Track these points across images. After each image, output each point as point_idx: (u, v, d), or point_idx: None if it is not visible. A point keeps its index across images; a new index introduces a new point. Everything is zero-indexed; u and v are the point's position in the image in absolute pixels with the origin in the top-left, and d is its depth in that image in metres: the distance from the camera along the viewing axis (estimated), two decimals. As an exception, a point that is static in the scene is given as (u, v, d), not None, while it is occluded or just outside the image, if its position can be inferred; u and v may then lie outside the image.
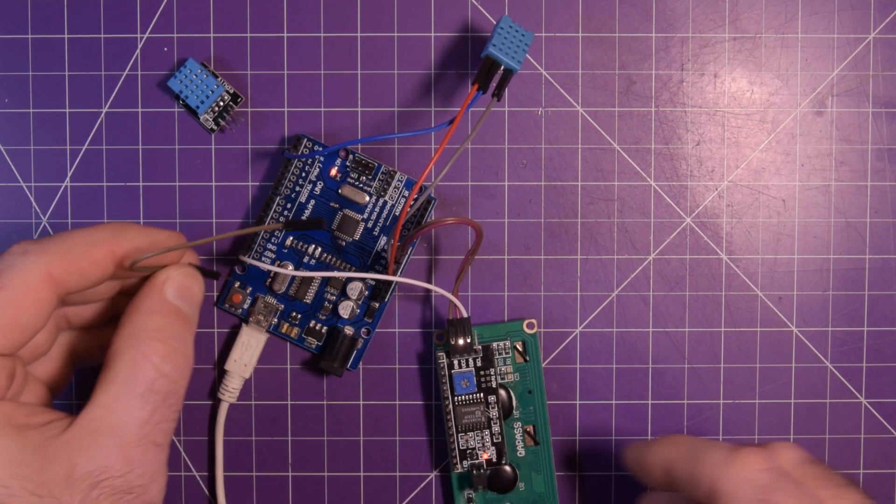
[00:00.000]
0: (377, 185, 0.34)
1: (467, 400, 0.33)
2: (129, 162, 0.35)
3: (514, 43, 0.31)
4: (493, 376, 0.33)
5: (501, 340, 0.34)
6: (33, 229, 0.35)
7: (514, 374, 0.34)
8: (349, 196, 0.34)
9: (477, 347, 0.33)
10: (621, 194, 0.35)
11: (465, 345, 0.33)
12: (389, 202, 0.34)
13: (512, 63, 0.31)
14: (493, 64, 0.31)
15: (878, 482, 0.35)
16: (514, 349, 0.34)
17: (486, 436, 0.33)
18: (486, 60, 0.31)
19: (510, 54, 0.31)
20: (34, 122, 0.35)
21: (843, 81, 0.35)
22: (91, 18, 0.35)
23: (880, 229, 0.35)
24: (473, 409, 0.33)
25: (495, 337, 0.34)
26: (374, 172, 0.34)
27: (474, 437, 0.33)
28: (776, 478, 0.26)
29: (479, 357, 0.33)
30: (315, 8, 0.35)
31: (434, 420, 0.35)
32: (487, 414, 0.33)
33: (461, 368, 0.33)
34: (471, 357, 0.33)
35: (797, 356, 0.35)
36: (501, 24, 0.31)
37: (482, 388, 0.33)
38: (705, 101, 0.35)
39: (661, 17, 0.35)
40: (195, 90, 0.34)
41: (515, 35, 0.31)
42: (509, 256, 0.35)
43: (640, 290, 0.35)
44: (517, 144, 0.35)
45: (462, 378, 0.33)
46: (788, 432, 0.35)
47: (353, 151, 0.34)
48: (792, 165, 0.35)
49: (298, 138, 0.34)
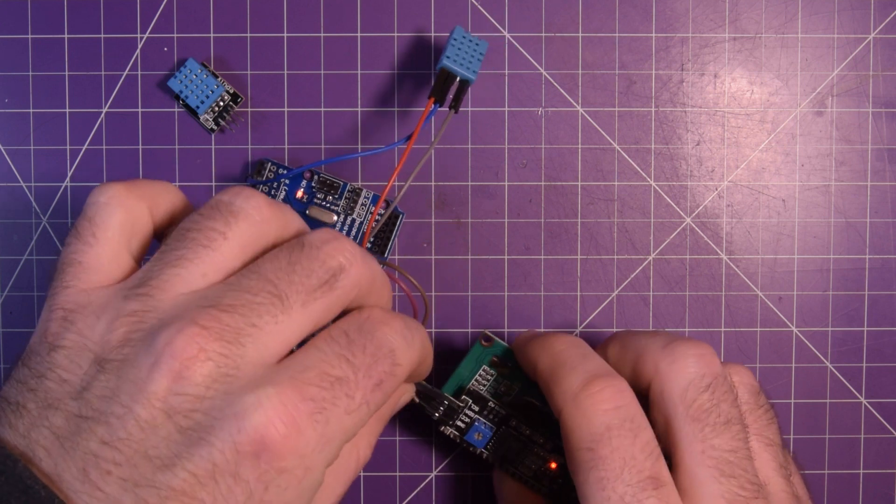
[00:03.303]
0: (344, 204, 0.34)
1: (495, 445, 0.31)
2: (129, 162, 0.35)
3: (468, 53, 0.31)
4: (496, 408, 0.31)
5: (477, 373, 0.32)
6: (33, 229, 0.35)
7: (513, 385, 0.32)
8: (317, 217, 0.34)
9: (463, 398, 0.31)
10: (621, 194, 0.35)
11: (448, 408, 0.31)
12: (358, 219, 0.34)
13: (467, 74, 0.30)
14: (449, 76, 0.30)
15: (878, 482, 0.35)
16: (494, 369, 0.32)
17: (538, 450, 0.31)
18: (441, 73, 0.30)
19: (465, 65, 0.31)
20: (34, 122, 0.35)
21: (843, 81, 0.35)
22: (91, 18, 0.35)
23: (880, 229, 0.35)
24: (510, 444, 0.31)
25: (471, 374, 0.32)
26: (339, 191, 0.34)
27: (532, 461, 0.31)
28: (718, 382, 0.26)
29: (469, 404, 0.31)
30: (315, 8, 0.35)
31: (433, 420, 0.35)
32: (520, 438, 0.31)
33: (463, 425, 0.31)
34: (464, 411, 0.31)
35: (797, 356, 0.35)
36: (454, 35, 0.31)
37: (496, 422, 0.31)
38: (705, 101, 0.35)
39: (661, 17, 0.35)
40: (195, 90, 0.34)
41: (469, 45, 0.31)
42: (509, 256, 0.35)
43: (640, 290, 0.35)
44: (517, 144, 0.35)
45: (475, 432, 0.31)
46: (788, 432, 0.35)
47: (318, 172, 0.34)
48: (792, 165, 0.35)
49: (262, 163, 0.34)
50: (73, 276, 0.23)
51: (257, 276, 0.22)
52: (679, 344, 0.27)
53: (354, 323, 0.24)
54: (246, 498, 0.20)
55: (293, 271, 0.23)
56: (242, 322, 0.21)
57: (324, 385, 0.22)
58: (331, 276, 0.23)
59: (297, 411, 0.21)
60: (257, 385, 0.21)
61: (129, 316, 0.22)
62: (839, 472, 0.35)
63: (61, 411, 0.20)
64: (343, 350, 0.23)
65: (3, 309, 0.35)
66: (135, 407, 0.20)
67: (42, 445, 0.20)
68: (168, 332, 0.21)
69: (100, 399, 0.20)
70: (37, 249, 0.35)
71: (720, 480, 0.25)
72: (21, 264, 0.35)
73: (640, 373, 0.27)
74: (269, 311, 0.22)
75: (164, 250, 0.23)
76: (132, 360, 0.21)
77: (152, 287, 0.22)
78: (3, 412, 0.21)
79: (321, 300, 0.23)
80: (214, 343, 0.21)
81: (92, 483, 0.19)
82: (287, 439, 0.20)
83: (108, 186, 0.24)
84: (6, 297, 0.35)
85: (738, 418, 0.26)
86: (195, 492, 0.20)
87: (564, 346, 0.28)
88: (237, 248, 0.23)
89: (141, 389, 0.20)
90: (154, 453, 0.20)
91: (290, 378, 0.21)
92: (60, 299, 0.23)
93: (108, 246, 0.24)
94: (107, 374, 0.21)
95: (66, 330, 0.22)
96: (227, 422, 0.20)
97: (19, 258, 0.35)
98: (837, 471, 0.35)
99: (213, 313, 0.21)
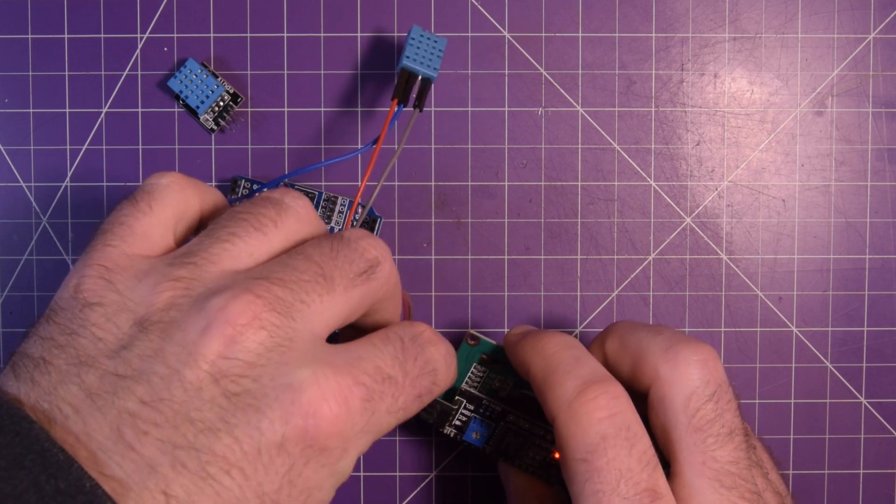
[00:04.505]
0: (321, 213, 0.34)
1: (495, 441, 0.31)
2: (129, 162, 0.35)
3: (427, 51, 0.31)
4: (491, 405, 0.31)
5: (469, 372, 0.31)
6: (33, 229, 0.35)
7: (506, 380, 0.31)
8: None
9: (456, 399, 0.31)
10: (621, 194, 0.35)
11: (441, 412, 0.31)
12: (336, 227, 0.34)
13: (428, 72, 0.31)
14: (410, 76, 0.31)
15: (878, 482, 0.35)
16: (486, 367, 0.31)
17: (540, 442, 0.30)
18: (402, 73, 0.30)
19: (425, 63, 0.31)
20: (34, 122, 0.35)
21: (843, 81, 0.35)
22: (91, 18, 0.35)
23: (880, 229, 0.35)
24: (510, 440, 0.31)
25: (462, 374, 0.31)
26: (315, 201, 0.34)
27: (535, 452, 0.31)
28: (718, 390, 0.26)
29: (464, 404, 0.31)
30: (315, 8, 0.35)
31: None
32: (519, 432, 0.31)
33: (461, 423, 0.31)
34: (459, 411, 0.31)
35: (797, 356, 0.35)
36: (412, 34, 0.31)
37: (493, 419, 0.31)
38: (705, 101, 0.35)
39: (661, 17, 0.35)
40: (195, 90, 0.34)
41: (428, 43, 0.31)
42: (509, 256, 0.35)
43: (640, 290, 0.35)
44: (517, 144, 0.35)
45: (472, 432, 0.31)
46: (788, 432, 0.35)
47: (292, 184, 0.34)
48: (792, 165, 0.35)
49: (235, 181, 0.34)
50: (120, 238, 0.23)
51: (304, 257, 0.23)
52: (682, 347, 0.26)
53: (409, 333, 0.24)
54: (286, 470, 0.20)
55: (336, 257, 0.23)
56: (292, 297, 0.21)
57: (376, 379, 0.22)
58: (369, 266, 0.24)
59: (351, 394, 0.21)
60: (312, 361, 0.21)
61: (175, 281, 0.21)
62: (839, 472, 0.35)
63: (95, 369, 0.20)
64: (398, 353, 0.23)
65: (3, 309, 0.35)
66: (181, 368, 0.20)
67: (69, 403, 0.19)
68: (222, 297, 0.21)
69: (141, 359, 0.20)
70: (37, 249, 0.35)
71: (720, 492, 0.24)
72: (21, 264, 0.35)
73: (640, 374, 0.27)
74: (315, 289, 0.22)
75: (213, 228, 0.23)
76: (180, 322, 0.20)
77: (201, 258, 0.22)
78: (24, 368, 0.20)
79: (360, 288, 0.23)
80: (268, 313, 0.21)
81: (126, 443, 0.19)
82: (337, 419, 0.20)
83: (169, 172, 0.25)
84: (6, 297, 0.35)
85: (741, 428, 0.25)
86: (237, 458, 0.19)
87: (557, 348, 0.27)
88: (283, 239, 0.24)
89: (189, 352, 0.20)
90: (197, 416, 0.19)
91: (345, 362, 0.21)
92: (100, 256, 0.22)
93: (160, 219, 0.24)
94: (150, 335, 0.20)
95: (104, 288, 0.22)
96: (280, 391, 0.20)
97: (19, 258, 0.35)
98: (837, 471, 0.35)
99: (265, 285, 0.21)
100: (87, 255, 0.23)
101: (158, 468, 0.19)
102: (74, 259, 0.35)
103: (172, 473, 0.19)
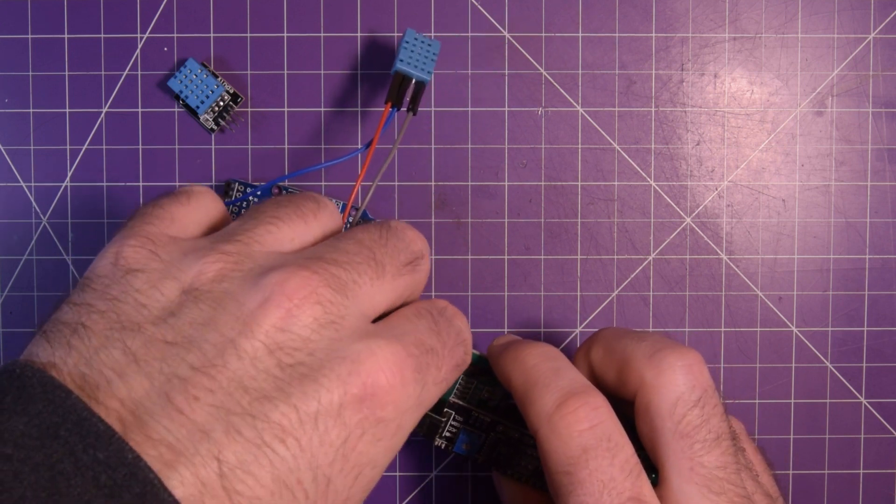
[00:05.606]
0: None
1: (486, 451, 0.30)
2: (129, 162, 0.35)
3: (421, 54, 0.31)
4: (480, 416, 0.30)
5: (457, 385, 0.30)
6: (33, 229, 0.35)
7: (495, 389, 0.30)
8: None
9: (445, 412, 0.30)
10: (621, 194, 0.35)
11: (430, 425, 0.30)
12: None
13: (422, 75, 0.31)
14: (404, 79, 0.31)
15: (878, 482, 0.35)
16: (474, 378, 0.30)
17: (531, 451, 0.30)
18: (396, 76, 0.30)
19: (419, 66, 0.31)
20: (34, 122, 0.35)
21: (843, 81, 0.35)
22: (91, 18, 0.35)
23: (880, 229, 0.35)
24: (500, 450, 0.30)
25: (449, 388, 0.30)
26: None
27: (527, 461, 0.30)
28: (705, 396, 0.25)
29: (453, 416, 0.30)
30: (315, 8, 0.35)
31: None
32: (510, 442, 0.30)
33: (451, 434, 0.30)
34: (448, 423, 0.30)
35: (797, 356, 0.35)
36: (406, 37, 0.31)
37: (483, 429, 0.30)
38: (705, 101, 0.35)
39: (661, 17, 0.35)
40: (195, 90, 0.34)
41: (422, 46, 0.31)
42: (509, 256, 0.35)
43: (640, 290, 0.35)
44: (517, 144, 0.35)
45: (462, 443, 0.30)
46: (788, 432, 0.35)
47: (286, 187, 0.34)
48: (792, 165, 0.35)
49: (229, 184, 0.34)
50: (159, 220, 0.23)
51: (355, 241, 0.23)
52: (666, 353, 0.26)
53: (435, 308, 0.25)
54: (342, 442, 0.20)
55: (386, 244, 0.24)
56: (347, 276, 0.22)
57: (421, 350, 0.22)
58: (415, 258, 0.24)
59: (405, 365, 0.21)
60: (365, 336, 0.21)
61: (225, 254, 0.21)
62: (839, 472, 0.35)
63: (140, 334, 0.19)
64: (432, 326, 0.24)
65: (3, 309, 0.35)
66: (237, 338, 0.19)
67: (112, 368, 0.19)
68: (280, 272, 0.21)
69: (192, 326, 0.20)
70: (37, 249, 0.35)
71: (709, 497, 0.24)
72: (21, 264, 0.35)
73: (626, 381, 0.26)
74: (367, 272, 0.22)
75: (253, 212, 0.24)
76: (234, 294, 0.20)
77: (247, 237, 0.22)
78: (59, 333, 0.20)
79: (406, 277, 0.24)
80: (325, 289, 0.21)
81: (175, 407, 0.18)
82: (393, 389, 0.21)
83: (200, 185, 0.26)
84: (6, 297, 0.35)
85: (728, 432, 0.25)
86: (293, 427, 0.19)
87: (536, 361, 0.27)
88: (319, 231, 0.24)
89: (245, 322, 0.20)
90: (252, 385, 0.19)
91: (394, 336, 0.22)
92: (140, 230, 0.22)
93: (197, 213, 0.25)
94: (200, 305, 0.20)
95: (147, 257, 0.21)
96: (337, 363, 0.20)
97: (19, 258, 0.35)
98: (837, 471, 0.35)
99: (321, 263, 0.22)
100: (126, 229, 0.23)
101: (211, 433, 0.18)
102: (74, 259, 0.35)
103: (226, 439, 0.18)
